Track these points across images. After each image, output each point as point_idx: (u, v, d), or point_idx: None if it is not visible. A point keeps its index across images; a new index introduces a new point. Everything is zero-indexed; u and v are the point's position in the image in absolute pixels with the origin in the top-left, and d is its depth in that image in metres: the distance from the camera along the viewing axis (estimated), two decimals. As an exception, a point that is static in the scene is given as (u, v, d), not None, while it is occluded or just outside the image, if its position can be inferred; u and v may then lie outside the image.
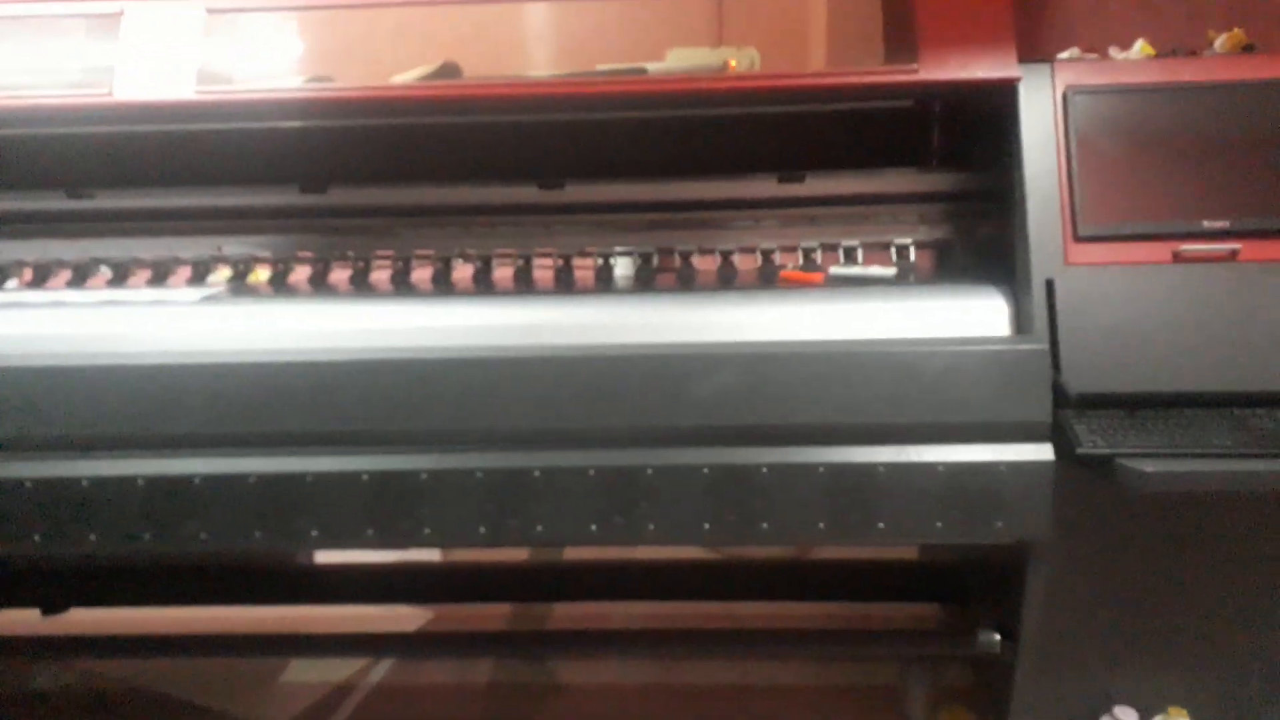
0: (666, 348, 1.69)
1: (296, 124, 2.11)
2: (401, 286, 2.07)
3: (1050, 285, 1.71)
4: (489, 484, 1.67)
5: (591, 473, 1.66)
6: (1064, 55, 1.87)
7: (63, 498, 1.68)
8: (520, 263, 2.10)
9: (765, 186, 2.05)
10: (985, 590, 2.08)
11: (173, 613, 2.45)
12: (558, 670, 2.39)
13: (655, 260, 2.09)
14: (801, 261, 2.05)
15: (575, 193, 2.09)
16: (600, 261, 2.11)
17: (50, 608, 2.43)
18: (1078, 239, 1.73)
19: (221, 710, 2.32)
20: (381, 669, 2.40)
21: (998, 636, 1.89)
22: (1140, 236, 1.73)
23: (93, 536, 1.69)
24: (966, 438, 1.65)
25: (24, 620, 2.50)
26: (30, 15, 1.91)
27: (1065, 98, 1.76)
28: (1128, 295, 1.71)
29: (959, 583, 2.29)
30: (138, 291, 2.01)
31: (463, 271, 2.12)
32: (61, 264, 2.15)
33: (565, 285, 2.06)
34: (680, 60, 1.90)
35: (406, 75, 1.88)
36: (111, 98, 1.83)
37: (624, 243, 2.11)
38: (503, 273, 2.11)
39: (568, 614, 2.56)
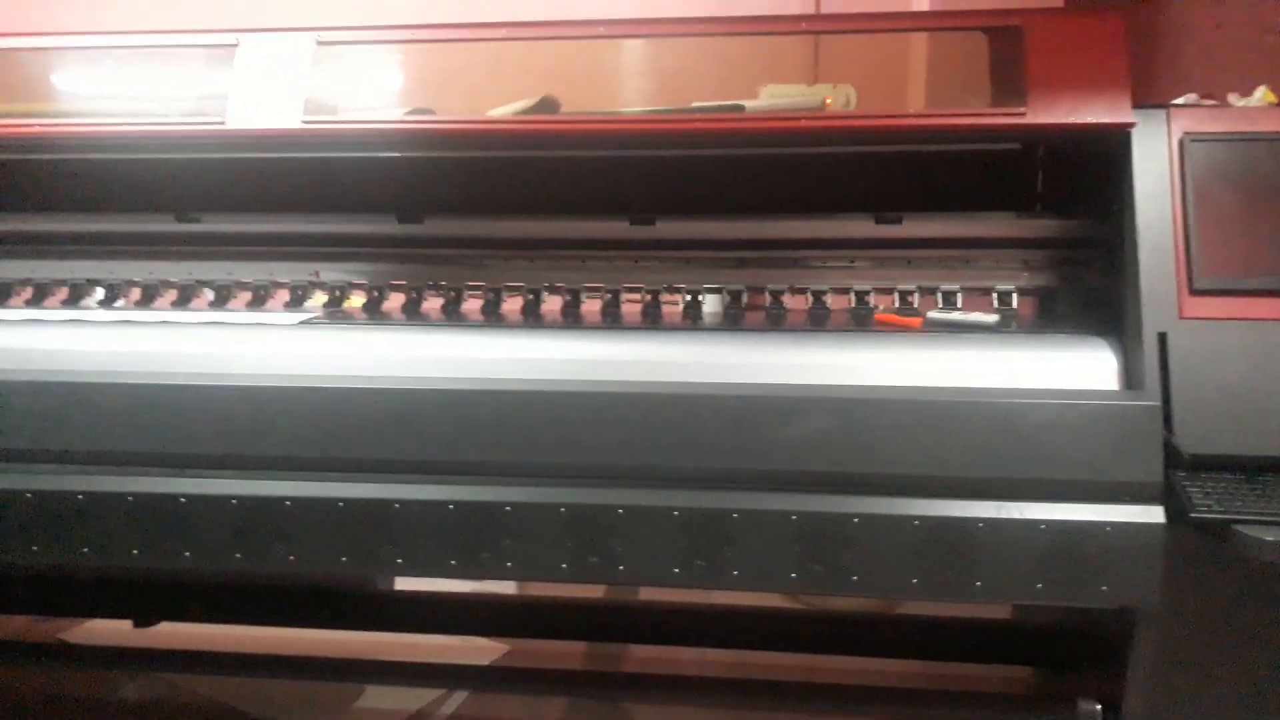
0: (757, 388, 1.65)
1: (396, 155, 2.15)
2: (491, 317, 2.09)
3: (1163, 339, 1.63)
4: (573, 520, 1.65)
5: (676, 514, 1.63)
6: (1180, 101, 1.80)
7: (161, 514, 1.71)
8: (608, 297, 2.10)
9: (861, 227, 2.01)
10: (1084, 656, 1.98)
11: (256, 632, 2.50)
12: (632, 713, 2.35)
13: (744, 298, 2.07)
14: (898, 304, 2.00)
15: (665, 229, 2.08)
16: (688, 298, 2.09)
17: (141, 620, 2.50)
18: (1193, 292, 1.65)
19: (297, 731, 2.35)
20: (456, 700, 2.39)
21: (1099, 707, 1.79)
22: (1262, 292, 1.64)
23: (186, 553, 1.72)
24: (1071, 496, 1.57)
25: (116, 631, 2.58)
26: (153, 46, 1.99)
27: (1182, 145, 1.69)
28: (1247, 352, 1.62)
29: (1054, 646, 2.19)
30: (239, 314, 2.06)
31: (551, 304, 2.13)
32: (168, 285, 2.22)
33: (653, 320, 2.05)
34: (775, 97, 1.89)
35: (505, 109, 1.90)
36: (225, 127, 1.88)
37: (713, 280, 2.10)
38: (590, 306, 2.11)
39: (643, 656, 2.53)
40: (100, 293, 2.24)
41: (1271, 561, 1.49)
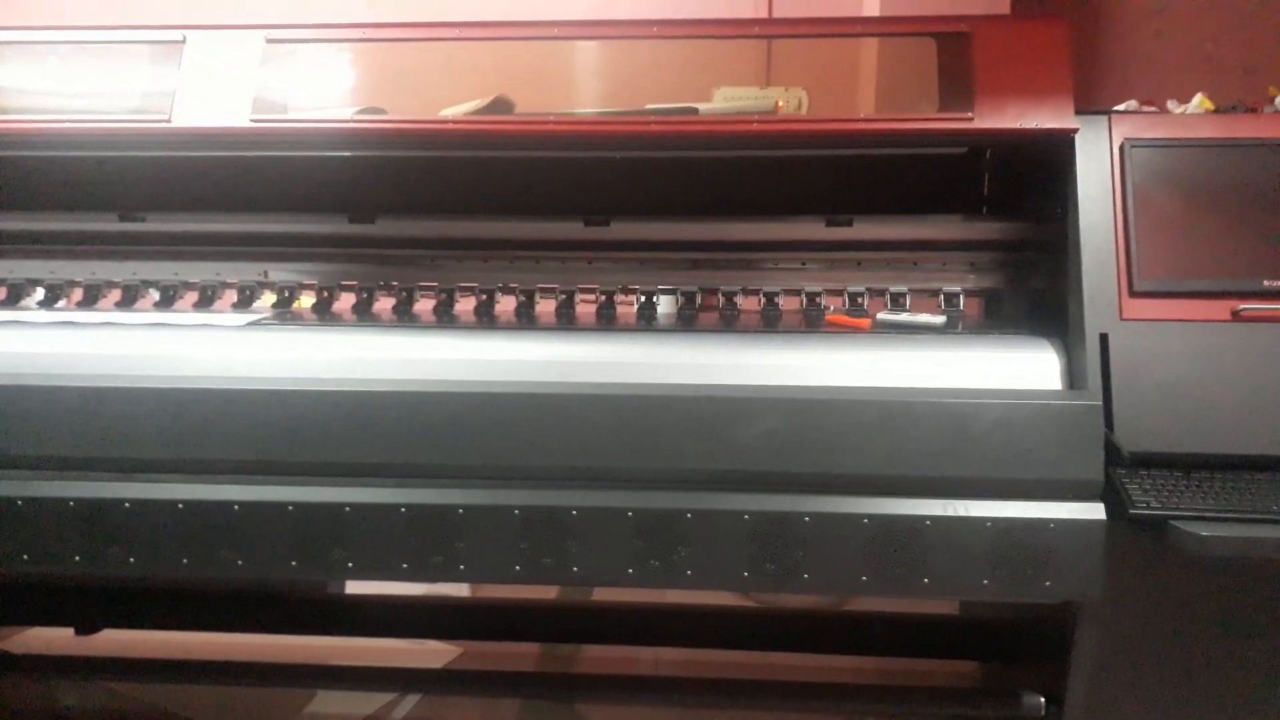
0: (710, 389, 1.66)
1: (347, 154, 2.13)
2: (444, 317, 2.07)
3: (1104, 340, 1.67)
4: (526, 522, 1.65)
5: (630, 514, 1.64)
6: (1121, 107, 1.85)
7: (104, 519, 1.68)
8: (562, 298, 2.10)
9: (812, 229, 2.04)
10: (1028, 650, 2.02)
11: (202, 638, 2.46)
12: (585, 714, 2.35)
13: (698, 299, 2.08)
14: (848, 306, 2.03)
15: (620, 230, 2.08)
16: (642, 299, 2.10)
17: (83, 628, 2.44)
18: (1133, 294, 1.69)
19: (246, 738, 2.32)
20: (408, 704, 2.37)
21: (1042, 699, 1.83)
22: (1198, 294, 1.69)
23: (131, 559, 1.69)
24: (1016, 494, 1.61)
25: (56, 639, 2.52)
26: (97, 42, 1.95)
27: (1123, 150, 1.74)
28: (1184, 353, 1.67)
29: (1000, 641, 2.23)
30: (185, 315, 2.03)
31: (505, 304, 2.12)
32: (111, 285, 2.18)
33: (607, 321, 2.05)
34: (728, 99, 1.90)
35: (458, 109, 1.89)
36: (170, 124, 1.85)
37: (667, 281, 2.10)
38: (544, 307, 2.11)
39: (597, 656, 2.53)
40: (40, 293, 2.19)
41: (1207, 555, 1.53)
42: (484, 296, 2.11)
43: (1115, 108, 1.83)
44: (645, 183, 2.21)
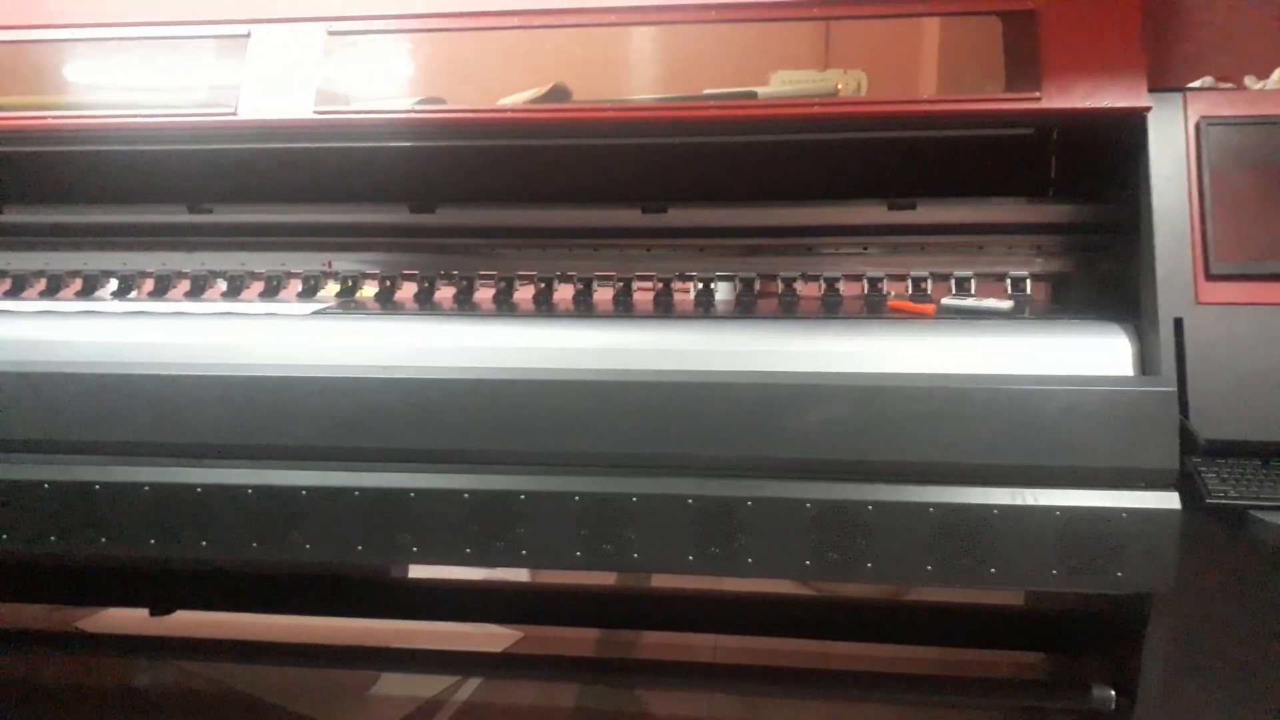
0: (770, 376, 1.65)
1: (408, 144, 2.15)
2: (504, 306, 2.09)
3: (1179, 324, 1.62)
4: (586, 508, 1.66)
5: (690, 501, 1.64)
6: (1196, 84, 1.79)
7: (177, 504, 1.72)
8: (620, 285, 2.10)
9: (874, 213, 2.01)
10: (1097, 641, 1.98)
11: (270, 620, 2.52)
12: (644, 699, 2.36)
13: (757, 286, 2.06)
14: (911, 291, 2.00)
15: (677, 216, 2.08)
16: (700, 286, 2.09)
17: (157, 609, 2.52)
18: (1210, 277, 1.64)
19: (312, 719, 2.36)
20: (470, 687, 2.41)
21: (1112, 692, 1.79)
22: (1278, 276, 1.63)
23: (203, 543, 1.73)
24: (1087, 483, 1.57)
25: (131, 619, 2.60)
26: (164, 37, 1.99)
27: (1199, 129, 1.68)
28: (1263, 337, 1.61)
29: (1067, 632, 2.19)
30: (252, 304, 2.07)
31: (563, 292, 2.13)
32: (181, 275, 2.23)
33: (665, 309, 2.05)
34: (787, 83, 1.88)
35: (516, 97, 1.90)
36: (237, 117, 1.89)
37: (725, 267, 2.09)
38: (603, 295, 2.11)
39: (656, 642, 2.53)
40: (114, 284, 2.25)
41: (1287, 547, 1.49)
42: (543, 284, 2.12)
43: (1190, 85, 1.77)
44: (703, 169, 2.20)
